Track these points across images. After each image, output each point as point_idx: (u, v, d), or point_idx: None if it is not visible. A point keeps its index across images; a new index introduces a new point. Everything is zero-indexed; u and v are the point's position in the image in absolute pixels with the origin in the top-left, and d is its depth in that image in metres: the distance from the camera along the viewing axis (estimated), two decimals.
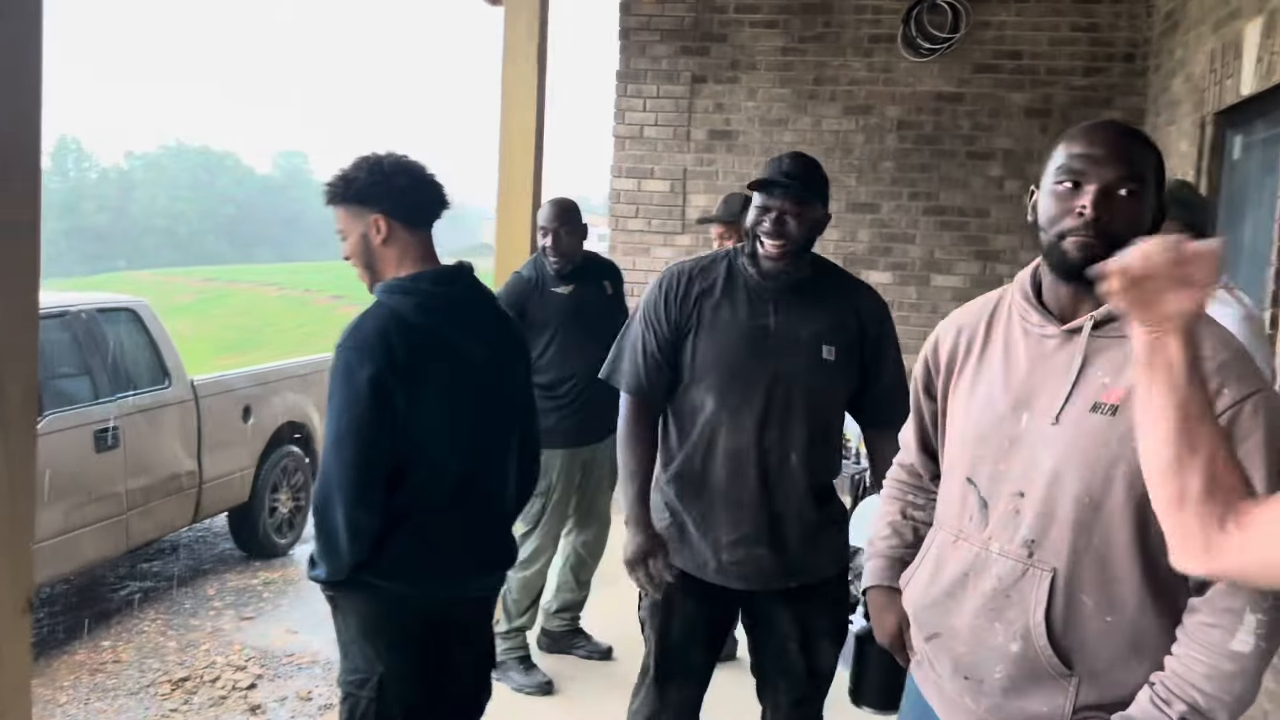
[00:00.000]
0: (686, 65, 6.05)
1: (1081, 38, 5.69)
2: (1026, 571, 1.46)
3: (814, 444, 2.37)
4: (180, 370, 5.51)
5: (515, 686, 3.78)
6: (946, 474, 1.63)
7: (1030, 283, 1.56)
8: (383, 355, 2.03)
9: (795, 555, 2.38)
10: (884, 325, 2.46)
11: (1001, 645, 1.48)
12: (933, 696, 1.65)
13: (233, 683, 4.41)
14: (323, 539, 2.12)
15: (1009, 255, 5.80)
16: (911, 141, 5.86)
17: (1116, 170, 1.43)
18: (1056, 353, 1.49)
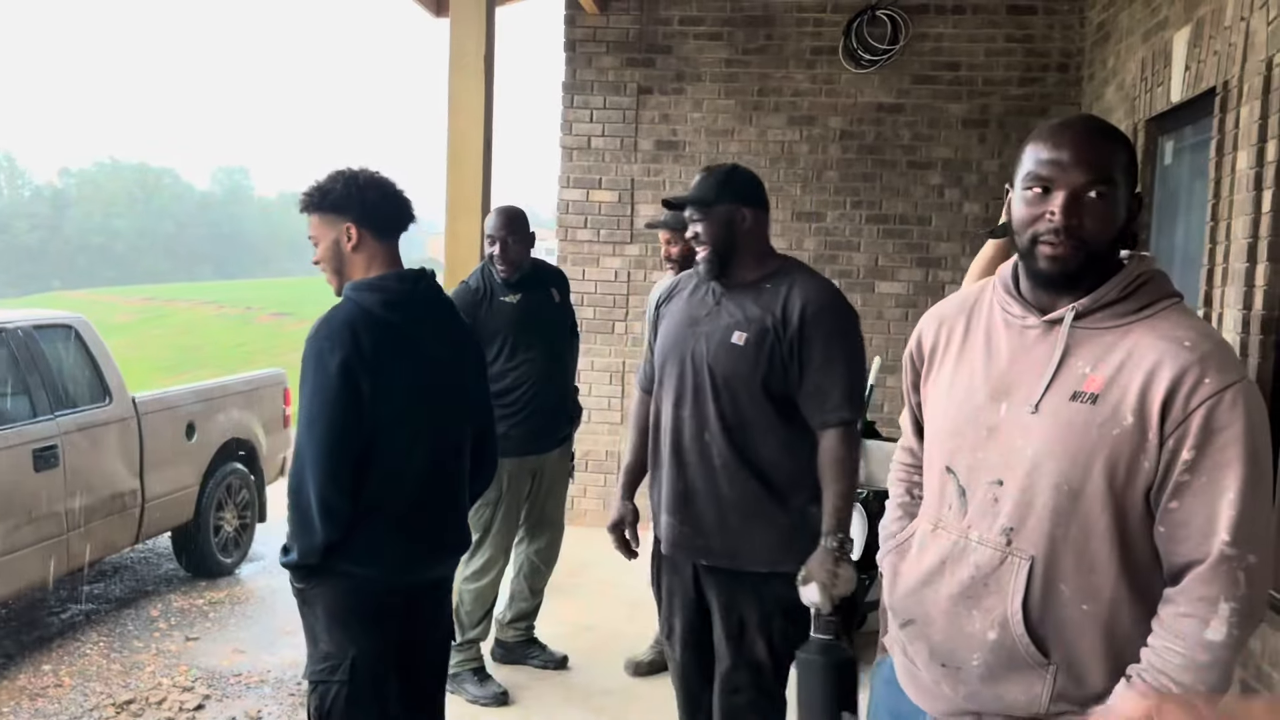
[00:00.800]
0: (632, 77, 6.10)
1: (1017, 48, 5.84)
2: (1005, 560, 1.47)
3: (729, 427, 2.48)
4: (121, 388, 5.40)
5: (470, 698, 3.75)
6: (926, 464, 1.65)
7: (1011, 275, 1.58)
8: (351, 344, 2.21)
9: (713, 534, 2.51)
10: (816, 320, 2.45)
11: (979, 633, 1.49)
12: (907, 684, 1.66)
13: (180, 704, 4.31)
14: (297, 519, 2.26)
15: (950, 262, 5.91)
16: (854, 151, 5.95)
17: (1084, 174, 1.44)
18: (1037, 343, 1.51)
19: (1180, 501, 1.39)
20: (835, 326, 2.47)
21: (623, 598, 4.99)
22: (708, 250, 2.53)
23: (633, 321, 6.21)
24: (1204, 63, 3.86)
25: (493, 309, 3.73)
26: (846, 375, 2.43)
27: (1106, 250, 1.48)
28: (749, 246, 2.54)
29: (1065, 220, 1.44)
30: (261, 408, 6.50)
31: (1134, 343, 1.44)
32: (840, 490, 2.41)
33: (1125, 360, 1.43)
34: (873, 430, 4.43)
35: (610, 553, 2.91)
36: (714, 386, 2.49)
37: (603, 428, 6.18)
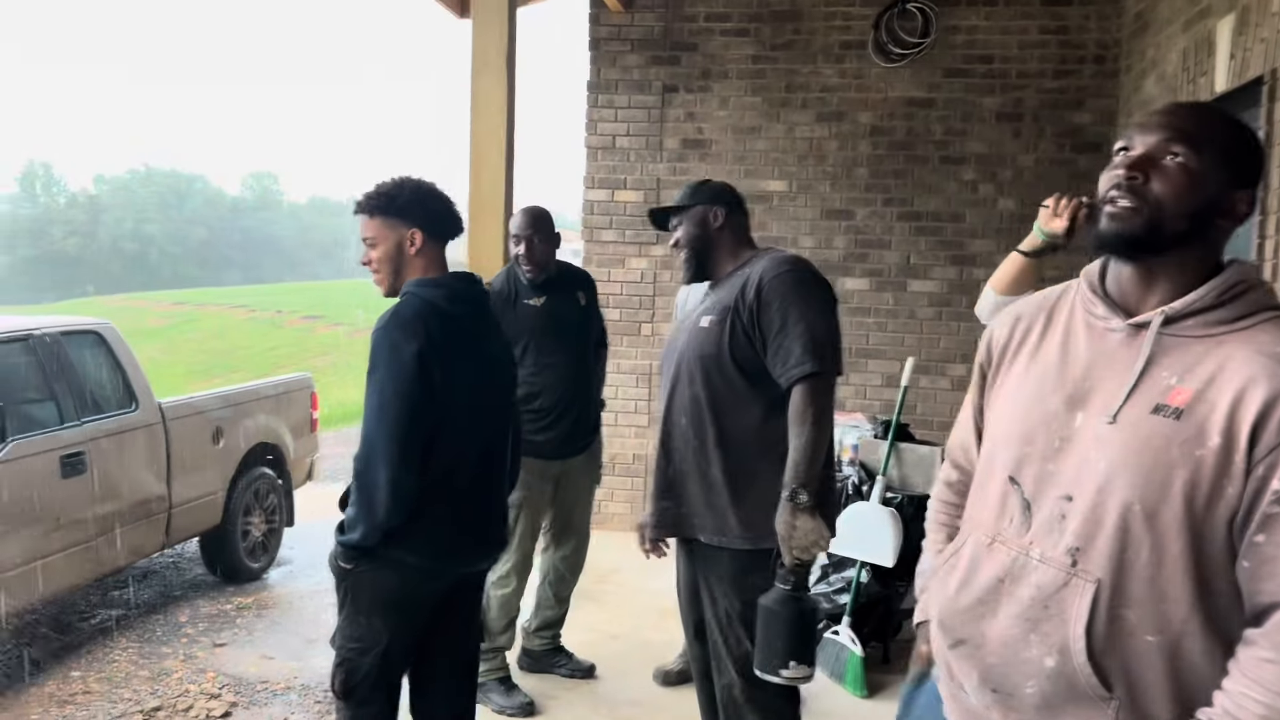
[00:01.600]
0: (657, 75, 6.02)
1: (1051, 40, 5.70)
2: (1069, 581, 1.35)
3: (704, 406, 2.56)
4: (148, 393, 5.39)
5: (496, 708, 3.69)
6: (985, 472, 1.51)
7: (1098, 272, 1.47)
8: (424, 334, 2.34)
9: (700, 511, 2.59)
10: (770, 288, 2.50)
11: (1036, 659, 1.37)
12: (951, 708, 1.55)
13: (206, 711, 4.29)
14: (363, 501, 2.35)
15: (985, 259, 5.78)
16: (885, 147, 5.84)
17: (1162, 134, 1.35)
18: (1120, 348, 1.39)
19: (1268, 535, 1.26)
20: (790, 291, 2.50)
21: (651, 605, 4.91)
22: (686, 252, 2.71)
23: (659, 323, 6.13)
24: (1250, 51, 3.73)
25: (517, 312, 3.67)
26: (806, 332, 2.45)
27: (1182, 226, 1.35)
28: (724, 243, 2.69)
29: (1128, 173, 1.34)
30: (289, 412, 6.49)
31: (1227, 355, 1.31)
32: (800, 443, 2.40)
33: (1216, 374, 1.31)
34: (906, 433, 4.32)
35: (638, 558, 2.91)
36: (690, 372, 2.59)
37: (629, 430, 6.11)
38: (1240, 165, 1.38)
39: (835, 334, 2.56)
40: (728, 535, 2.53)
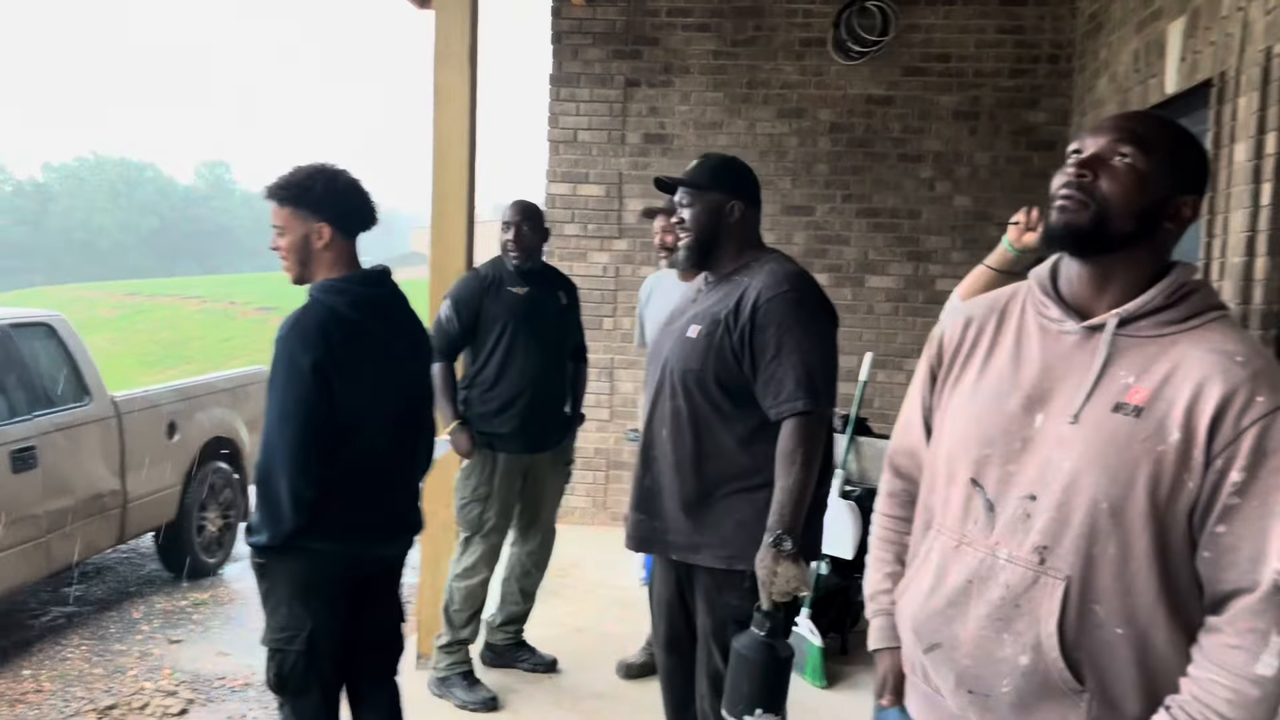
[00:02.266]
0: (619, 69, 6.02)
1: (1007, 40, 5.79)
2: (1038, 579, 1.38)
3: (685, 422, 2.43)
4: (100, 387, 5.31)
5: (459, 703, 3.69)
6: (944, 475, 1.52)
7: (1048, 275, 1.50)
8: (322, 344, 2.38)
9: (675, 529, 2.47)
10: (766, 310, 2.35)
11: (1010, 658, 1.40)
12: (926, 713, 1.57)
13: (163, 709, 4.24)
14: (266, 507, 2.41)
15: (940, 256, 5.86)
16: (844, 144, 5.90)
17: (1112, 136, 1.40)
18: (1076, 350, 1.43)
19: (1228, 526, 1.31)
20: (788, 316, 2.35)
21: (612, 598, 4.93)
22: (689, 237, 2.49)
23: (621, 317, 6.14)
24: (1200, 54, 3.82)
25: (499, 297, 3.71)
26: (801, 364, 2.32)
27: (1129, 226, 1.40)
28: (733, 238, 2.49)
29: (1077, 171, 1.39)
30: (244, 406, 6.42)
31: (1181, 354, 1.36)
32: (786, 485, 2.29)
33: (1171, 372, 1.35)
34: (865, 427, 4.37)
35: (598, 553, 2.88)
36: (673, 384, 2.45)
37: (591, 425, 6.10)
38: (1187, 171, 1.43)
39: (831, 365, 2.43)
40: (700, 554, 2.44)
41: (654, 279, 4.11)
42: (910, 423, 1.68)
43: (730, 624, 2.39)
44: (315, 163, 2.53)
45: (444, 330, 3.70)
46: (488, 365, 3.72)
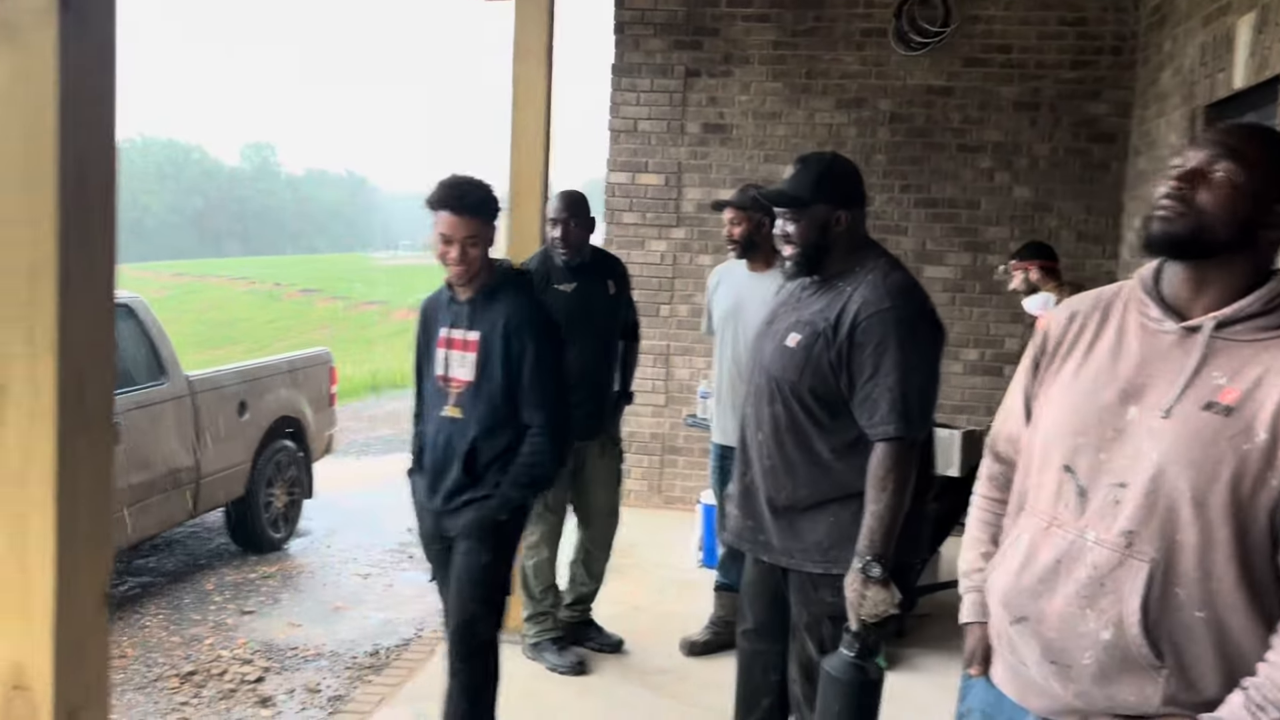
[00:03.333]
0: (680, 59, 6.09)
1: (1069, 31, 5.78)
2: (1124, 561, 1.47)
3: (782, 429, 2.43)
4: (176, 366, 5.49)
5: (550, 666, 3.90)
6: (1039, 461, 1.62)
7: (1151, 276, 1.58)
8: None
9: (770, 532, 2.48)
10: (867, 328, 2.31)
11: (1093, 632, 1.49)
12: (1010, 682, 1.66)
13: (240, 676, 4.41)
14: (552, 465, 2.96)
15: (999, 246, 5.89)
16: (903, 134, 5.93)
17: (1212, 150, 1.47)
18: (1173, 349, 1.50)
19: None
20: (889, 335, 2.29)
21: (671, 578, 5.05)
22: (796, 251, 2.43)
23: (678, 304, 6.23)
24: (1270, 49, 3.82)
25: (548, 297, 3.74)
26: (896, 386, 2.27)
27: (1226, 235, 1.47)
28: (840, 246, 2.43)
29: (1176, 183, 1.47)
30: (309, 386, 6.59)
31: (1274, 359, 1.44)
32: (875, 510, 2.29)
33: (1263, 375, 1.43)
34: None
35: (656, 534, 3.00)
36: (770, 390, 2.45)
37: (647, 410, 6.22)
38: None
39: (930, 388, 2.39)
40: (795, 559, 2.45)
41: (722, 269, 4.19)
42: (1012, 410, 1.77)
43: (825, 619, 2.43)
44: (476, 176, 2.83)
45: None
46: None
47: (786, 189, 2.45)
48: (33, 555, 1.46)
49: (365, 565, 5.99)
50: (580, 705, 3.70)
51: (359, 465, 8.99)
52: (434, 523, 3.00)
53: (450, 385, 2.89)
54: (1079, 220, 5.81)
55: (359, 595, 5.47)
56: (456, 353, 2.89)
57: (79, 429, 1.49)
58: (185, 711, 4.10)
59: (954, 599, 1.87)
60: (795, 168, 2.49)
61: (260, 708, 4.13)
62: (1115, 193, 5.79)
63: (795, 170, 2.48)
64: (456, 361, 2.89)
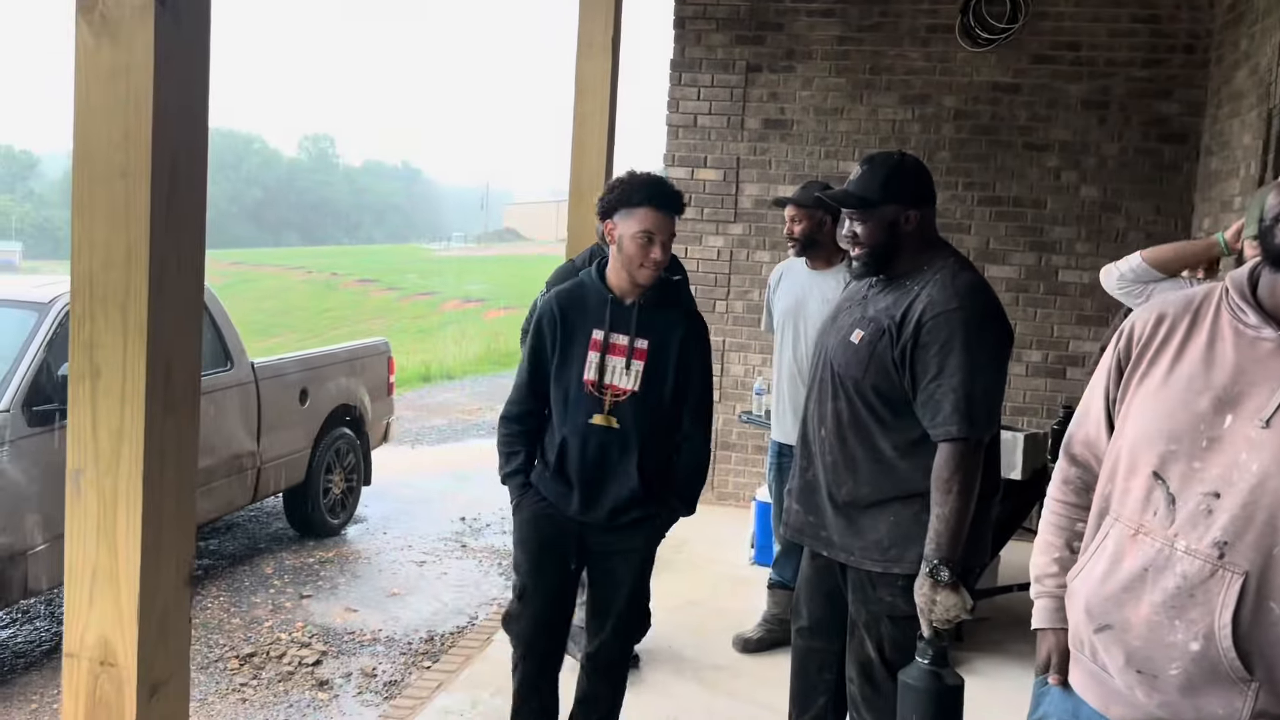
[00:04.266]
0: (741, 54, 6.07)
1: (1141, 29, 5.66)
2: (1215, 573, 1.44)
3: (845, 425, 2.42)
4: (242, 353, 5.59)
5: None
6: (1126, 466, 1.59)
7: (1247, 280, 1.54)
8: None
9: (831, 528, 2.47)
10: (933, 328, 2.29)
11: (1181, 643, 1.46)
12: (1091, 689, 1.63)
13: (299, 659, 4.49)
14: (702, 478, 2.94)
15: (1065, 246, 5.79)
16: (968, 131, 5.86)
17: None
18: (1271, 357, 1.47)
19: None
20: (954, 336, 2.27)
21: (723, 574, 5.04)
22: (864, 252, 2.42)
23: (734, 300, 6.22)
24: None
25: None
26: (961, 386, 2.24)
27: None
28: (909, 246, 2.41)
29: None
30: (367, 375, 6.68)
31: None
32: (941, 513, 2.26)
33: None
34: None
35: (708, 530, 3.01)
36: (834, 384, 2.44)
37: None
38: None
39: (995, 390, 2.36)
40: (855, 556, 2.44)
41: (783, 266, 4.18)
42: (1091, 412, 1.73)
43: (884, 619, 2.42)
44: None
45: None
46: None
47: (854, 190, 2.43)
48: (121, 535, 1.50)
49: (420, 553, 6.06)
50: (634, 700, 3.69)
51: (413, 454, 9.10)
52: (571, 534, 2.79)
53: (606, 392, 2.68)
54: (1148, 221, 5.69)
55: (414, 582, 5.54)
56: (617, 359, 2.69)
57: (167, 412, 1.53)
58: (244, 692, 4.18)
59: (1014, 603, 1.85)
60: (862, 168, 2.46)
61: (318, 691, 4.20)
62: (1186, 193, 5.67)
63: (862, 170, 2.45)
64: (616, 368, 2.69)
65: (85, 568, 1.51)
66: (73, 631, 1.52)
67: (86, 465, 1.50)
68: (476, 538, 6.44)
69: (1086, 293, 5.75)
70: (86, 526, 1.51)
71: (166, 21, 1.44)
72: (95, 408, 1.50)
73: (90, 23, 1.43)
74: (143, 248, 1.47)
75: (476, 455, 9.14)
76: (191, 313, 1.58)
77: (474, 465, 8.59)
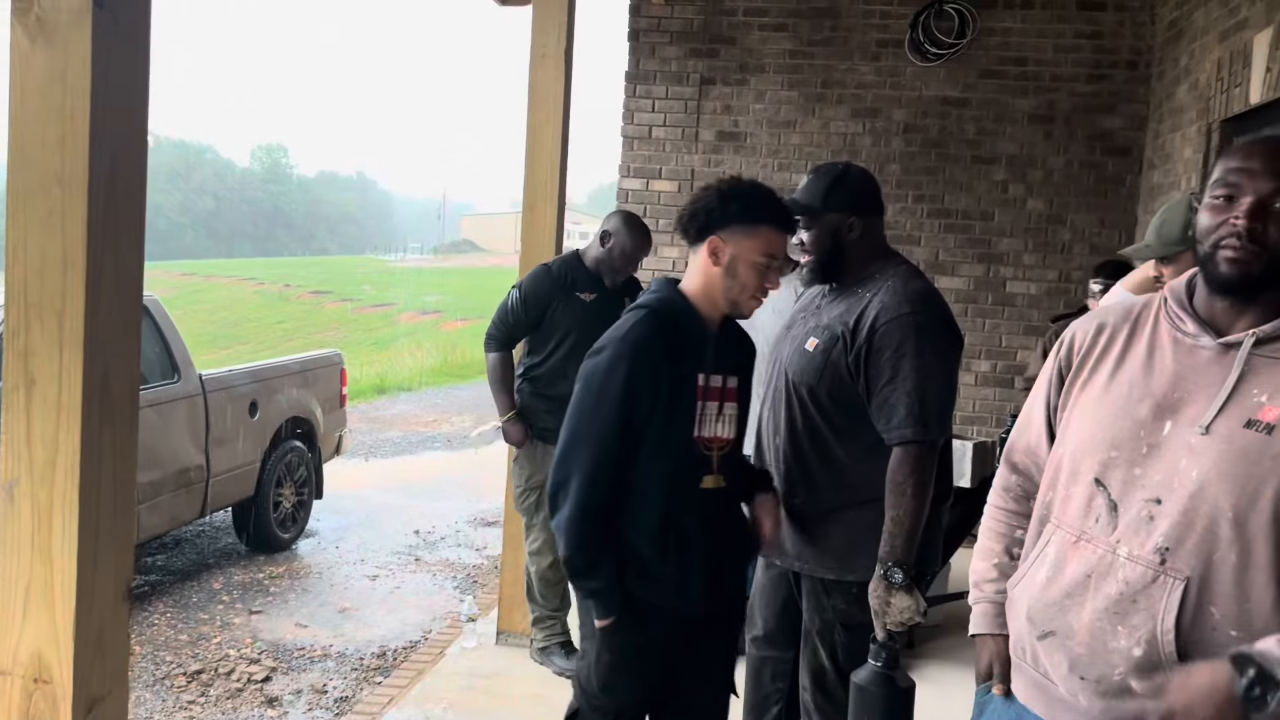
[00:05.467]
0: (695, 67, 6.11)
1: (1085, 45, 5.78)
2: (1157, 578, 1.45)
3: (799, 432, 2.44)
4: (189, 365, 5.51)
5: (558, 670, 3.90)
6: (1067, 473, 1.60)
7: (1185, 290, 1.56)
8: None
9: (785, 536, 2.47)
10: (885, 333, 2.33)
11: (1124, 649, 1.47)
12: (1035, 698, 1.64)
13: (247, 675, 4.42)
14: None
15: (1012, 258, 5.89)
16: (918, 145, 5.94)
17: (1272, 182, 1.44)
18: (1210, 364, 1.49)
19: None
20: (906, 341, 2.31)
21: None
22: (811, 260, 2.48)
23: None
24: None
25: (569, 301, 3.77)
26: (914, 390, 2.28)
27: None
28: (856, 253, 2.45)
29: (1249, 223, 1.44)
30: (319, 387, 6.61)
31: None
32: (895, 515, 2.29)
33: None
34: None
35: None
36: (789, 392, 2.46)
37: None
38: None
39: (948, 394, 2.40)
40: (809, 564, 2.45)
41: None
42: (1033, 421, 1.74)
43: (837, 626, 2.43)
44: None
45: (509, 321, 3.81)
46: (546, 364, 3.82)
47: (799, 198, 2.48)
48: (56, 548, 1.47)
49: (373, 567, 6.00)
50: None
51: (367, 467, 9.01)
52: (685, 633, 2.31)
53: (713, 446, 2.24)
54: (1093, 233, 5.80)
55: (366, 597, 5.48)
56: (714, 404, 2.23)
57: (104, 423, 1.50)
58: (192, 710, 4.10)
59: (965, 610, 1.86)
60: (808, 178, 2.53)
61: (267, 708, 4.14)
62: (1129, 206, 5.79)
63: (808, 180, 2.52)
64: (718, 416, 2.25)
65: (19, 581, 1.48)
66: (5, 647, 1.49)
67: (21, 476, 1.47)
68: (431, 551, 6.39)
69: (1033, 303, 5.85)
70: (20, 539, 1.48)
71: (105, 24, 1.42)
72: (30, 418, 1.47)
73: (25, 25, 1.40)
74: (79, 255, 1.44)
75: (431, 468, 9.08)
76: (130, 322, 1.56)
77: (428, 478, 8.53)
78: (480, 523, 7.07)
